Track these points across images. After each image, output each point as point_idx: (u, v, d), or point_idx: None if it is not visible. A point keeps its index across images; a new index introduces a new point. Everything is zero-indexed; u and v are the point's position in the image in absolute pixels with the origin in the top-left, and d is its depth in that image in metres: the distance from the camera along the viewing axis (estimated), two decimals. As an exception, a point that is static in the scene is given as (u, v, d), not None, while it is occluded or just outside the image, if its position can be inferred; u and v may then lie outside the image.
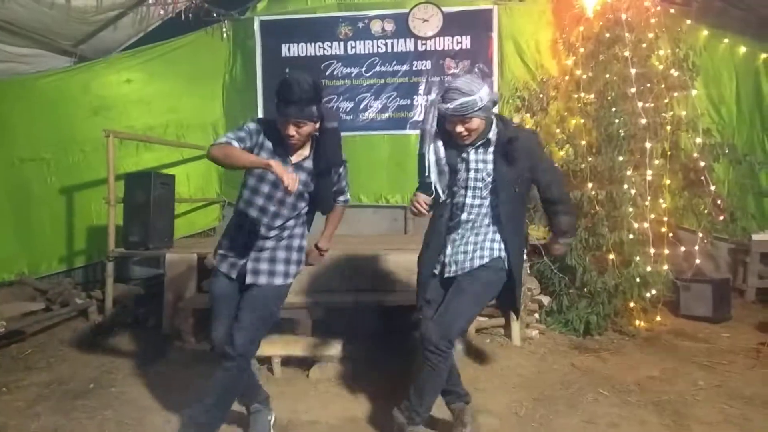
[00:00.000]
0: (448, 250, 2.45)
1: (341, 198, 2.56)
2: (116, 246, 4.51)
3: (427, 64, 5.69)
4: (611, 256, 4.17)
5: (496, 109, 2.47)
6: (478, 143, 2.39)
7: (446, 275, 2.45)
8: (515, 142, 2.34)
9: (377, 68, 5.74)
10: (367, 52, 5.74)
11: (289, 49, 5.80)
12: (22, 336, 4.07)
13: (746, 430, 2.62)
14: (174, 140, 5.59)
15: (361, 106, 5.74)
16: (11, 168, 4.95)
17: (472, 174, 2.39)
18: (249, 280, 2.37)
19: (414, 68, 5.71)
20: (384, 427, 2.61)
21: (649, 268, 4.17)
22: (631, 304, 4.18)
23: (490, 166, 2.38)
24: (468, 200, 2.41)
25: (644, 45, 4.68)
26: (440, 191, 2.37)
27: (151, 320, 4.29)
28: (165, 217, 4.56)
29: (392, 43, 5.72)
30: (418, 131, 6.38)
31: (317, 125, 2.32)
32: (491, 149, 2.39)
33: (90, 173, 5.19)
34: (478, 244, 2.42)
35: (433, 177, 2.36)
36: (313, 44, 5.79)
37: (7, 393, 3.20)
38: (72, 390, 3.21)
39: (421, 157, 2.38)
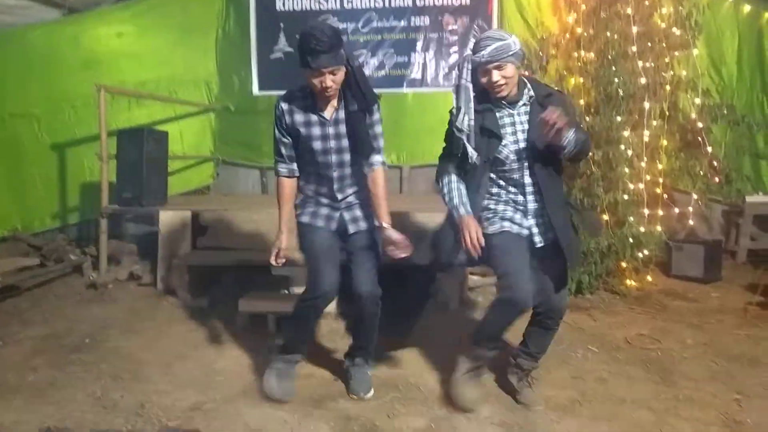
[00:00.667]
0: (532, 220, 2.37)
1: (377, 156, 2.41)
2: (109, 203, 4.48)
3: (425, 20, 5.55)
4: (605, 217, 4.16)
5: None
6: (521, 103, 2.34)
7: (538, 244, 2.38)
8: (552, 98, 2.32)
9: (374, 24, 5.59)
10: (363, 6, 5.59)
11: (284, 3, 5.63)
12: (18, 291, 4.09)
13: (732, 386, 2.67)
14: (166, 96, 5.48)
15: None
16: (1, 123, 4.87)
17: (519, 135, 2.34)
18: (352, 229, 2.46)
19: (411, 24, 5.56)
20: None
21: (642, 229, 4.17)
22: (624, 265, 4.21)
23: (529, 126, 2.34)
24: (518, 164, 2.35)
25: (647, 2, 4.55)
26: (473, 155, 2.31)
27: (146, 277, 4.30)
28: (158, 174, 4.52)
29: (389, -2, 5.58)
30: (415, 89, 6.27)
31: (346, 69, 2.28)
32: (529, 108, 2.34)
33: (81, 129, 5.12)
34: (543, 211, 2.36)
35: (470, 138, 2.31)
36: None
37: (3, 347, 3.22)
38: (68, 344, 3.23)
39: (458, 113, 2.31)
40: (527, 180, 2.38)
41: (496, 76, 2.26)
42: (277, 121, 2.41)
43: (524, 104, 2.36)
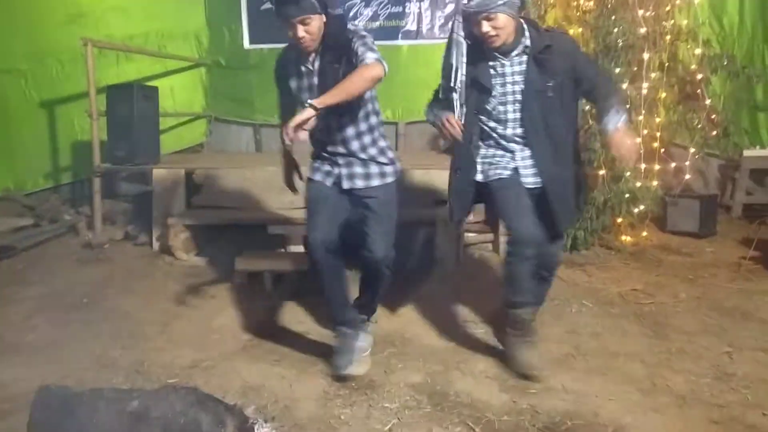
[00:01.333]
0: (519, 162, 2.36)
1: (369, 54, 2.13)
2: (102, 161, 4.41)
3: (421, -31, 5.35)
4: (602, 172, 4.12)
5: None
6: (514, 53, 2.29)
7: (529, 185, 2.36)
8: (551, 48, 2.26)
9: (368, -27, 5.40)
10: (356, -46, 5.39)
11: (268, -51, 5.42)
12: (14, 251, 4.06)
13: (723, 339, 2.70)
14: (155, 50, 5.33)
15: (351, 14, 5.43)
16: (-13, 79, 4.75)
17: (509, 87, 2.31)
18: (346, 185, 2.40)
19: (407, -28, 5.37)
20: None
21: (638, 184, 4.14)
22: (619, 220, 4.19)
23: (523, 77, 2.30)
24: (509, 115, 2.34)
25: (648, -53, 4.39)
26: (459, 107, 2.28)
27: (142, 237, 4.28)
28: (150, 132, 4.44)
29: (383, -55, 5.35)
30: (410, 42, 6.09)
31: (324, 17, 2.21)
32: (526, 59, 2.29)
33: (70, 86, 4.98)
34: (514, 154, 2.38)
35: (459, 95, 2.28)
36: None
37: (2, 306, 3.22)
38: (66, 304, 3.24)
39: (447, 67, 2.27)
40: (518, 131, 2.36)
41: (486, 26, 2.20)
42: (274, 75, 2.44)
43: (518, 54, 2.31)
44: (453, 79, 2.27)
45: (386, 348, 2.65)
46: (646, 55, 4.21)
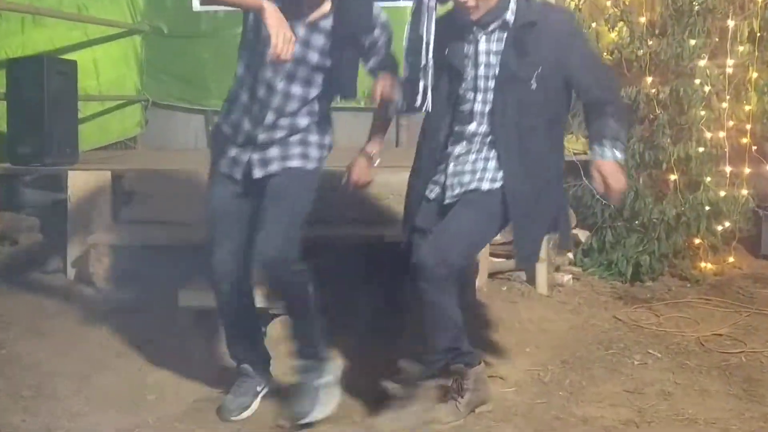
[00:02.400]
0: (450, 168, 2.48)
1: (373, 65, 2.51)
2: (0, 160, 4.44)
3: None
4: (673, 177, 4.18)
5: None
6: (491, 27, 2.37)
7: (447, 201, 2.48)
8: (534, 27, 2.33)
9: None
10: None
11: None
12: None
13: (837, 402, 2.71)
14: (74, 13, 5.38)
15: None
16: None
17: (482, 71, 2.39)
18: (257, 173, 2.44)
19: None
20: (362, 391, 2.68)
21: (723, 193, 4.20)
22: (697, 241, 4.24)
23: (500, 58, 2.38)
24: (477, 106, 2.42)
25: None
26: (423, 93, 2.36)
27: (53, 262, 4.29)
28: (66, 121, 4.45)
29: None
30: (410, 2, 6.21)
31: None
32: (505, 36, 2.37)
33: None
34: (488, 161, 2.44)
35: (425, 76, 2.34)
36: None
37: None
38: (-51, 353, 3.23)
39: (415, 39, 2.34)
40: (475, 128, 2.44)
41: None
42: None
43: (496, 29, 2.38)
44: (424, 56, 2.33)
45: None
46: (731, 23, 4.32)
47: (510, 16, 2.36)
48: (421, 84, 2.36)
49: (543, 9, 2.43)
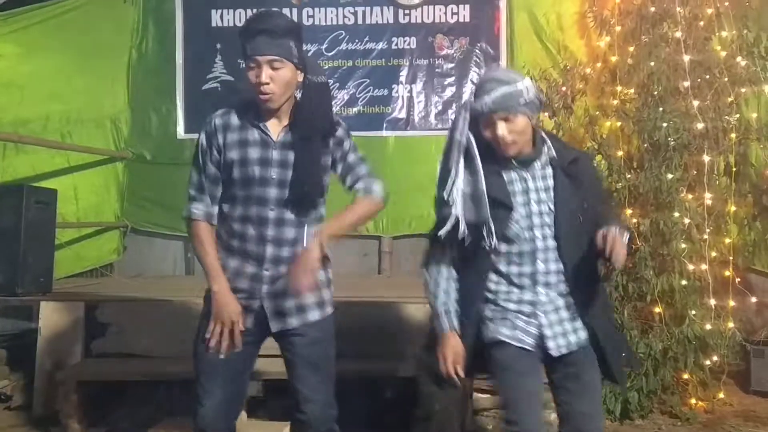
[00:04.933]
0: (543, 318, 2.40)
1: (364, 186, 2.51)
2: (-30, 287, 4.41)
3: (411, 42, 5.76)
4: (658, 309, 4.21)
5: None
6: (537, 163, 2.43)
7: (553, 353, 2.39)
8: (578, 163, 2.43)
9: (343, 46, 5.80)
10: (329, 23, 5.80)
11: (221, 17, 5.82)
12: None
13: None
14: (57, 141, 5.52)
15: (321, 97, 5.75)
16: None
17: (534, 207, 2.40)
18: (275, 327, 2.42)
19: (393, 47, 5.78)
20: None
21: (709, 326, 4.22)
22: (685, 376, 4.23)
23: (552, 194, 2.41)
24: (539, 243, 2.40)
25: (701, 23, 4.80)
26: (464, 231, 2.35)
27: (18, 397, 4.19)
28: (42, 250, 4.48)
29: (364, 13, 5.79)
30: (398, 133, 6.37)
31: (299, 74, 2.38)
32: (551, 171, 2.43)
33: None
34: (570, 308, 2.43)
35: (458, 210, 2.35)
36: (254, 11, 5.78)
37: None
38: None
39: (445, 175, 2.36)
40: (540, 267, 2.41)
41: (501, 129, 2.32)
42: (204, 141, 2.43)
43: (543, 167, 2.44)
44: (449, 189, 2.35)
45: None
46: (706, 157, 4.47)
47: (552, 152, 2.44)
48: (461, 221, 2.35)
49: (570, 146, 2.55)
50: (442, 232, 2.36)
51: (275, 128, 2.42)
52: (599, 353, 2.42)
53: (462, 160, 2.36)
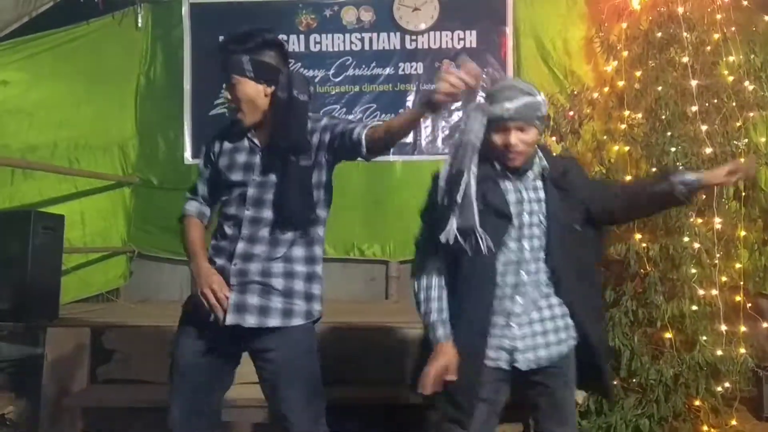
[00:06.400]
0: (516, 330, 2.42)
1: (357, 128, 2.40)
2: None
3: (418, 68, 5.81)
4: (668, 335, 4.20)
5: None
6: (530, 175, 2.48)
7: (521, 366, 2.42)
8: (570, 175, 2.50)
9: (350, 71, 5.84)
10: (336, 49, 5.84)
11: (229, 43, 5.85)
12: None
13: None
14: (65, 166, 5.56)
15: (329, 122, 5.78)
16: None
17: (526, 218, 2.45)
18: (230, 319, 2.42)
19: (400, 72, 5.82)
20: None
21: (720, 352, 4.20)
22: (697, 403, 4.20)
23: (544, 206, 2.46)
24: (527, 254, 2.44)
25: (708, 48, 4.82)
26: (482, 239, 2.31)
27: (24, 423, 4.19)
28: (49, 275, 4.50)
29: (371, 39, 5.84)
30: (405, 158, 6.38)
31: (266, 88, 2.45)
32: (541, 184, 2.49)
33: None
34: (554, 320, 2.47)
35: (475, 217, 2.29)
36: (262, 37, 5.86)
37: None
38: None
39: (455, 178, 2.27)
40: (523, 277, 2.44)
41: (515, 138, 2.37)
42: (205, 150, 2.68)
43: (534, 178, 2.49)
44: (460, 190, 2.27)
45: None
46: (715, 181, 4.47)
47: (545, 163, 2.50)
48: (477, 232, 2.30)
49: (557, 157, 2.66)
50: (443, 237, 2.30)
51: (263, 137, 2.53)
52: (590, 358, 2.47)
53: (474, 164, 2.29)
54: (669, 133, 4.56)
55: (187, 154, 5.83)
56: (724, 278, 4.45)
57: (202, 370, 2.50)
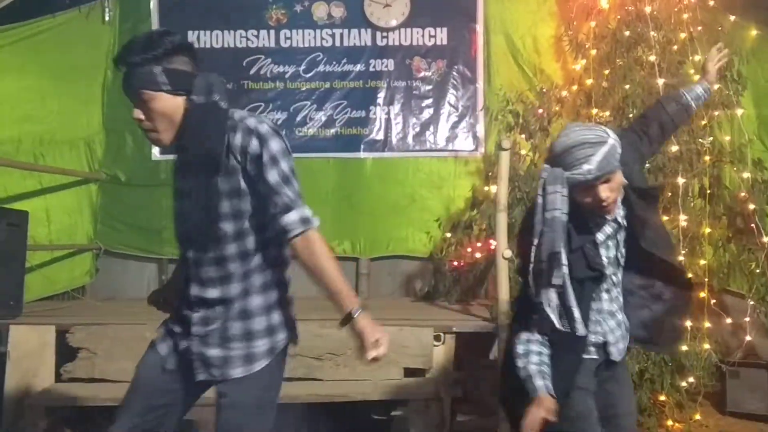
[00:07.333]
0: (611, 323, 2.39)
1: (290, 215, 2.08)
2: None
3: (389, 64, 5.82)
4: (634, 331, 4.26)
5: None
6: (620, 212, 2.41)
7: (613, 357, 2.41)
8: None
9: (321, 67, 5.83)
10: (307, 45, 5.83)
11: (198, 39, 5.81)
12: None
13: None
14: (30, 162, 5.50)
15: (298, 119, 5.79)
16: None
17: (612, 251, 2.39)
18: (201, 375, 2.18)
19: (371, 69, 5.83)
20: None
21: (685, 348, 4.27)
22: (662, 398, 4.27)
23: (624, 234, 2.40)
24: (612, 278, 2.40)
25: (675, 47, 4.91)
26: (580, 323, 2.27)
27: (-15, 422, 4.14)
28: (12, 273, 4.46)
29: (342, 35, 5.83)
30: (375, 155, 6.39)
31: (185, 100, 2.11)
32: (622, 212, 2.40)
33: None
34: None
35: (572, 299, 2.24)
36: (232, 33, 5.84)
37: None
38: None
39: (550, 261, 2.19)
40: (614, 293, 2.43)
41: (604, 192, 2.18)
42: None
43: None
44: (553, 274, 2.20)
45: None
46: (681, 180, 4.56)
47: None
48: (574, 309, 2.26)
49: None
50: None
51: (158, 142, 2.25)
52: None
53: (562, 238, 2.20)
54: (636, 132, 4.61)
55: (155, 150, 5.77)
56: (688, 275, 4.51)
57: (153, 391, 2.25)
